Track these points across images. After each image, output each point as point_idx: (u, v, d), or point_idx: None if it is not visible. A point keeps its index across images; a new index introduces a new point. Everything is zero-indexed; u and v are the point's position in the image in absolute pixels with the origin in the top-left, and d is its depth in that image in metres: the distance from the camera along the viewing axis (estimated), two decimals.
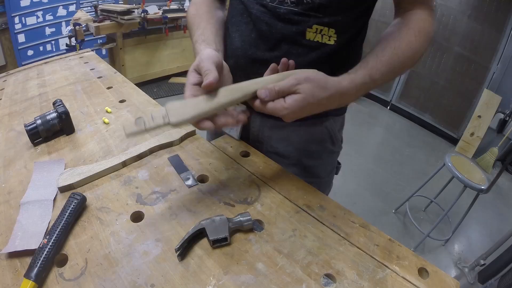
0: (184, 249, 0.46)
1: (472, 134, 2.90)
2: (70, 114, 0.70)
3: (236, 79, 0.69)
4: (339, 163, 0.84)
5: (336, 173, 0.84)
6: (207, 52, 0.51)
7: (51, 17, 3.15)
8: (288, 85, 0.48)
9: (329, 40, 0.59)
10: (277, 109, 0.48)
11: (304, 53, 0.60)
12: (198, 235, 0.48)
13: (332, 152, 0.78)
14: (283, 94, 0.48)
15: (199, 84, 0.49)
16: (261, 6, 0.60)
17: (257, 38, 0.62)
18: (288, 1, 0.57)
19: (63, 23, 3.25)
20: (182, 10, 3.32)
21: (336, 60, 0.62)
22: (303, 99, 0.47)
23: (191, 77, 0.50)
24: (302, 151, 0.73)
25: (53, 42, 3.26)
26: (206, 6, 0.68)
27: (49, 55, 3.03)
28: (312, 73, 0.50)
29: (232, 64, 0.67)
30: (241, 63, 0.65)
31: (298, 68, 0.59)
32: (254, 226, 0.51)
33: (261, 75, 0.63)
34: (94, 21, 2.72)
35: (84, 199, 0.51)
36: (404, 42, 0.55)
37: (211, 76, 0.46)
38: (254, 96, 0.49)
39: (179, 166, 0.62)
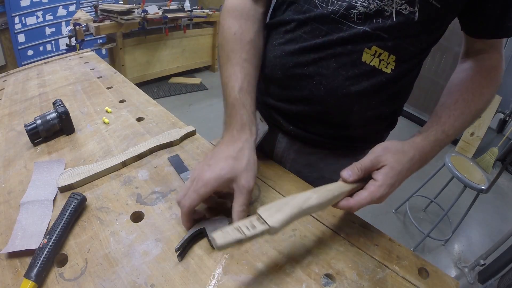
0: (184, 249, 0.46)
1: (472, 134, 2.90)
2: (70, 114, 0.70)
3: (268, 92, 0.65)
4: None
5: None
6: (245, 182, 0.46)
7: (51, 17, 3.16)
8: (370, 160, 0.46)
9: (386, 67, 0.53)
10: (373, 193, 0.44)
11: (353, 77, 0.53)
12: (197, 235, 0.48)
13: None
14: (366, 172, 0.46)
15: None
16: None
17: (304, 51, 0.55)
18: (354, 16, 0.50)
19: (63, 23, 3.25)
20: (182, 10, 3.32)
21: (387, 94, 0.57)
22: (391, 169, 0.45)
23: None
24: (327, 179, 0.69)
25: (53, 42, 3.26)
26: (252, 29, 0.58)
27: (49, 55, 3.04)
28: (386, 143, 0.48)
29: (267, 73, 0.62)
30: (278, 75, 0.59)
31: (342, 100, 0.54)
32: None
33: (298, 91, 0.58)
34: (94, 21, 2.72)
35: (84, 199, 0.51)
36: (477, 95, 0.53)
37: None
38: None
39: (179, 166, 0.62)
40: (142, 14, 2.88)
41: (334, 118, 0.59)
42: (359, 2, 0.50)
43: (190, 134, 0.73)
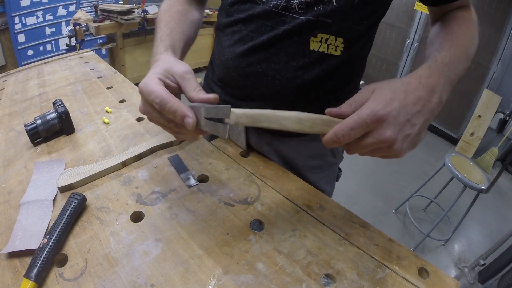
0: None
1: (472, 134, 2.90)
2: (70, 114, 0.70)
3: (227, 93, 0.66)
4: (339, 170, 0.81)
5: (337, 181, 0.82)
6: (181, 67, 0.43)
7: (51, 17, 3.16)
8: (359, 92, 0.40)
9: (335, 50, 0.53)
10: (361, 110, 0.37)
11: (305, 66, 0.54)
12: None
13: (334, 164, 0.75)
14: (357, 104, 0.39)
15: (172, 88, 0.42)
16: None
17: (253, 49, 0.56)
18: (295, 6, 0.51)
19: (63, 23, 3.25)
20: None
21: (341, 75, 0.58)
22: (381, 89, 0.38)
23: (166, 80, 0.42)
24: (302, 167, 0.70)
25: (53, 42, 3.26)
26: (181, 5, 0.62)
27: (49, 55, 3.04)
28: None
29: (222, 76, 0.64)
30: (233, 77, 0.60)
31: (298, 90, 0.54)
32: (254, 226, 0.51)
33: (255, 89, 0.59)
34: (94, 21, 2.72)
35: (84, 199, 0.51)
36: (461, 33, 0.49)
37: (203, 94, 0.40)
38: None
39: (179, 166, 0.62)
40: (142, 14, 2.88)
41: (295, 108, 0.58)
42: None
43: None
